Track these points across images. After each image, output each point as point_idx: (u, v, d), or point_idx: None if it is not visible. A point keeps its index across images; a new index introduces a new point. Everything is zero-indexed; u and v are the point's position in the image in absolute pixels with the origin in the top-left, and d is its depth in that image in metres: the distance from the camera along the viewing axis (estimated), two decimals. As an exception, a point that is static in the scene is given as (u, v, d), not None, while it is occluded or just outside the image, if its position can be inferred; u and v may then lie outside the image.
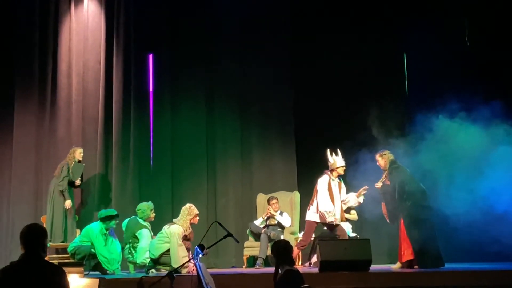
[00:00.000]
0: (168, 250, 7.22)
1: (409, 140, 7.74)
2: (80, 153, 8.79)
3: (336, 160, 8.04)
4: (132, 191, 9.25)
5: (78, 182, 8.69)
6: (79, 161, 8.78)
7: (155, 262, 7.37)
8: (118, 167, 9.30)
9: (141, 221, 7.77)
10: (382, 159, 7.55)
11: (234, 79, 9.84)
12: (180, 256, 7.05)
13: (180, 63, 9.79)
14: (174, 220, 7.55)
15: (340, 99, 9.65)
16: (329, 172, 8.06)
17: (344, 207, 8.17)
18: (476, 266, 7.40)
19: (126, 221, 7.90)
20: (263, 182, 9.67)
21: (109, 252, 7.48)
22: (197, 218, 7.49)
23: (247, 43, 9.89)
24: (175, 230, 7.23)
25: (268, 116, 9.80)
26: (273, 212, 8.68)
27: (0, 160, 9.48)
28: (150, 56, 9.80)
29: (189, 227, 7.35)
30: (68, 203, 8.48)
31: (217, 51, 9.90)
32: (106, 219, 7.53)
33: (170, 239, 7.18)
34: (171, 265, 7.03)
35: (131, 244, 7.70)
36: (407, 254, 7.25)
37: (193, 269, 6.50)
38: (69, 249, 7.61)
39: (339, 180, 8.10)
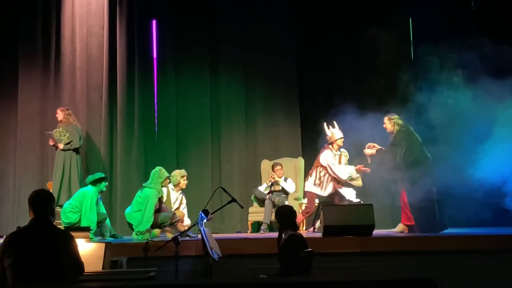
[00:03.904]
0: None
1: (414, 106, 7.70)
2: (62, 111, 8.59)
3: (334, 132, 8.03)
4: (137, 157, 9.27)
5: (61, 146, 8.44)
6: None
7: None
8: (123, 133, 9.28)
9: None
10: (389, 123, 7.50)
11: (238, 44, 9.77)
12: (149, 218, 7.19)
13: (184, 29, 9.70)
14: (144, 184, 7.62)
15: (346, 66, 9.60)
16: (330, 146, 8.05)
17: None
18: (477, 231, 7.46)
19: None
20: (267, 148, 9.67)
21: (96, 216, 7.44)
22: (168, 180, 7.56)
23: (251, 6, 9.77)
24: (149, 193, 7.28)
25: (273, 81, 9.74)
26: (277, 178, 8.71)
27: (6, 127, 9.47)
28: (154, 22, 9.71)
29: (161, 189, 7.42)
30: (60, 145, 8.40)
31: (221, 16, 9.79)
32: (96, 182, 7.48)
33: (144, 202, 7.25)
34: (164, 222, 7.36)
35: None
36: (409, 218, 7.31)
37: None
38: (72, 220, 7.33)
39: (339, 153, 8.11)
